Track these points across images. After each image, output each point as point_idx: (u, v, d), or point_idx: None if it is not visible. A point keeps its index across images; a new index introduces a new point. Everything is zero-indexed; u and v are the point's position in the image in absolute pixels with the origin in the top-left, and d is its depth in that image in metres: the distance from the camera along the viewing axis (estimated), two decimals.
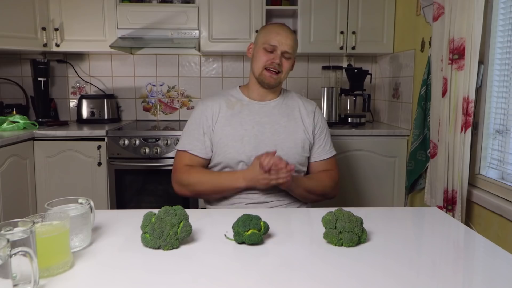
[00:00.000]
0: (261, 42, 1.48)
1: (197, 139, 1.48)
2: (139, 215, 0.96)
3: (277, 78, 1.48)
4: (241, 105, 1.52)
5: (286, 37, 1.46)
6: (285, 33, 1.47)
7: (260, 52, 1.48)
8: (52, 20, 2.63)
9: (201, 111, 1.51)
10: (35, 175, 2.43)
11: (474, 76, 1.65)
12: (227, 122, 1.48)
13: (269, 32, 1.49)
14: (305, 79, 3.07)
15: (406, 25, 2.55)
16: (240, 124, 1.48)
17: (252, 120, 1.49)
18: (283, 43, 1.45)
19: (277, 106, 1.54)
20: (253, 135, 1.46)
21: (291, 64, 1.51)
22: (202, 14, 2.65)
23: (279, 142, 1.47)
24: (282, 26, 1.51)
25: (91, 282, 0.77)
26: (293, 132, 1.51)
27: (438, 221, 1.15)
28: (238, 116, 1.50)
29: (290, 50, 1.47)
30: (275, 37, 1.45)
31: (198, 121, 1.50)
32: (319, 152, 1.56)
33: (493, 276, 0.81)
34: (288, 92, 1.62)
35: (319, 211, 1.08)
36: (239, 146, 1.45)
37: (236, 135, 1.46)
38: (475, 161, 1.84)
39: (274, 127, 1.49)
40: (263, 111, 1.52)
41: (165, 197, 2.47)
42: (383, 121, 2.93)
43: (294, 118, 1.53)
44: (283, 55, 1.46)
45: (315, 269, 0.82)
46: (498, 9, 1.74)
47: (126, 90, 3.05)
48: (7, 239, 0.65)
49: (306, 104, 1.59)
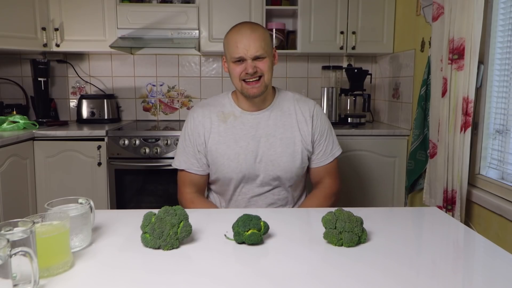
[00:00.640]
0: (228, 57, 1.38)
1: (193, 157, 1.45)
2: (139, 215, 0.96)
3: (260, 86, 1.35)
4: (234, 118, 1.43)
5: (248, 41, 1.31)
6: (245, 38, 1.32)
7: (232, 66, 1.37)
8: (52, 20, 2.63)
9: (193, 127, 1.44)
10: (35, 175, 2.43)
11: (474, 76, 1.65)
12: (221, 139, 1.42)
13: (229, 44, 1.36)
14: (305, 79, 3.07)
15: (406, 25, 2.55)
16: (234, 140, 1.41)
17: (247, 135, 1.42)
18: (248, 49, 1.31)
19: (272, 116, 1.44)
20: (249, 152, 1.40)
21: (270, 62, 1.37)
22: (202, 14, 2.65)
23: (275, 158, 1.41)
24: (242, 28, 1.35)
25: (91, 282, 0.77)
26: (290, 144, 1.42)
27: (438, 221, 1.15)
28: (231, 130, 1.42)
29: (260, 52, 1.32)
30: (236, 49, 1.32)
31: (192, 138, 1.44)
32: (318, 158, 1.48)
33: (493, 276, 0.81)
34: (283, 94, 1.50)
35: (319, 211, 1.08)
36: (235, 165, 1.40)
37: (232, 154, 1.40)
38: (475, 161, 1.84)
39: (269, 141, 1.41)
40: (256, 123, 1.43)
41: (165, 197, 2.47)
42: (383, 121, 2.93)
43: (291, 126, 1.44)
44: (255, 59, 1.33)
45: (315, 269, 0.82)
46: (498, 9, 1.74)
47: (126, 90, 3.05)
48: (7, 239, 0.65)
49: (303, 107, 1.47)
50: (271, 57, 1.39)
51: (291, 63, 3.06)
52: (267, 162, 1.41)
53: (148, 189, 2.51)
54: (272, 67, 1.39)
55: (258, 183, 1.43)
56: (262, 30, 1.38)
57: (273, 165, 1.41)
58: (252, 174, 1.42)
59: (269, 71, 1.37)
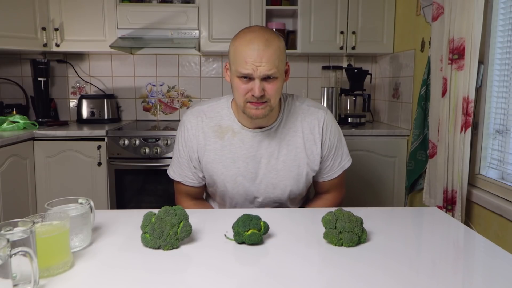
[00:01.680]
0: (233, 70, 1.17)
1: (188, 170, 1.33)
2: (139, 215, 0.96)
3: (264, 108, 1.17)
4: (233, 134, 1.27)
5: (260, 58, 1.11)
6: (258, 52, 1.11)
7: (236, 80, 1.17)
8: (52, 20, 2.63)
9: (187, 139, 1.30)
10: (35, 175, 2.43)
11: (474, 76, 1.65)
12: (217, 157, 1.28)
13: (236, 56, 1.15)
14: (305, 79, 3.07)
15: (406, 25, 2.55)
16: (232, 160, 1.27)
17: (246, 155, 1.27)
18: (259, 67, 1.11)
19: (275, 134, 1.27)
20: (247, 173, 1.28)
21: (280, 83, 1.17)
22: (202, 14, 2.65)
23: (277, 181, 1.29)
24: (254, 40, 1.13)
25: (91, 282, 0.77)
26: (294, 166, 1.29)
27: (438, 221, 1.15)
28: (229, 148, 1.27)
29: (272, 71, 1.12)
30: (245, 65, 1.12)
31: (185, 151, 1.31)
32: (325, 173, 1.36)
33: (493, 276, 0.81)
34: (290, 107, 1.31)
35: (319, 211, 1.08)
36: (232, 186, 1.30)
37: (228, 175, 1.28)
38: (475, 161, 1.84)
39: (271, 163, 1.27)
40: (257, 142, 1.27)
41: (165, 197, 2.47)
42: (383, 121, 2.93)
43: (296, 147, 1.28)
44: (264, 79, 1.14)
45: (315, 269, 0.82)
46: (498, 9, 1.74)
47: (126, 90, 3.05)
48: (7, 239, 0.65)
49: (312, 122, 1.29)
50: (283, 76, 1.20)
51: (291, 63, 3.00)
52: (267, 185, 1.29)
53: (148, 189, 2.51)
54: (281, 88, 1.20)
55: (257, 204, 1.35)
56: (277, 43, 1.16)
57: (274, 189, 1.30)
58: (250, 197, 1.32)
59: (278, 94, 1.18)
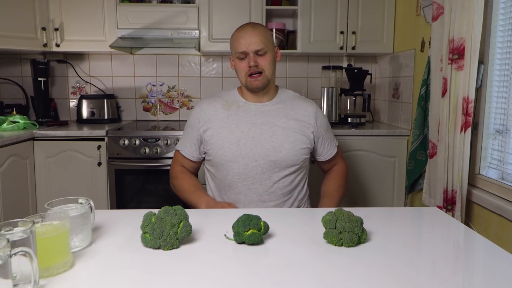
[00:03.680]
0: (233, 54, 1.50)
1: (189, 142, 1.54)
2: (139, 215, 0.96)
3: (262, 79, 1.46)
4: (238, 106, 1.52)
5: (250, 36, 1.44)
6: (247, 33, 1.46)
7: (237, 63, 1.49)
8: (52, 20, 2.63)
9: (197, 114, 1.54)
10: (35, 175, 2.43)
11: (474, 76, 1.65)
12: (223, 124, 1.48)
13: (233, 42, 1.50)
14: (305, 79, 3.07)
15: (406, 25, 2.55)
16: (236, 126, 1.48)
17: (249, 122, 1.48)
18: (250, 44, 1.44)
19: (275, 107, 1.53)
20: (249, 137, 1.46)
21: (271, 57, 1.48)
22: (202, 14, 2.65)
23: (277, 144, 1.46)
24: (244, 27, 1.50)
25: (91, 282, 0.77)
26: (292, 133, 1.49)
27: (438, 221, 1.15)
28: (234, 117, 1.49)
29: (260, 46, 1.44)
30: (239, 44, 1.45)
31: (193, 124, 1.53)
32: (326, 151, 1.60)
33: (493, 276, 0.81)
34: (285, 92, 1.60)
35: (319, 211, 1.08)
36: (235, 148, 1.45)
37: (232, 138, 1.46)
38: (475, 161, 1.84)
39: (271, 129, 1.48)
40: (259, 112, 1.51)
41: (165, 197, 2.47)
42: (383, 121, 2.93)
43: (293, 118, 1.51)
44: (256, 54, 1.45)
45: (315, 269, 0.82)
46: (498, 9, 1.74)
47: (126, 90, 3.05)
48: (7, 239, 0.65)
49: (306, 105, 1.57)
50: (273, 53, 1.50)
51: (291, 63, 3.06)
52: (268, 148, 1.45)
53: (148, 189, 2.51)
54: (273, 63, 1.50)
55: (259, 170, 1.45)
56: (263, 27, 1.52)
57: (275, 151, 1.45)
58: (251, 159, 1.44)
59: (270, 66, 1.48)
